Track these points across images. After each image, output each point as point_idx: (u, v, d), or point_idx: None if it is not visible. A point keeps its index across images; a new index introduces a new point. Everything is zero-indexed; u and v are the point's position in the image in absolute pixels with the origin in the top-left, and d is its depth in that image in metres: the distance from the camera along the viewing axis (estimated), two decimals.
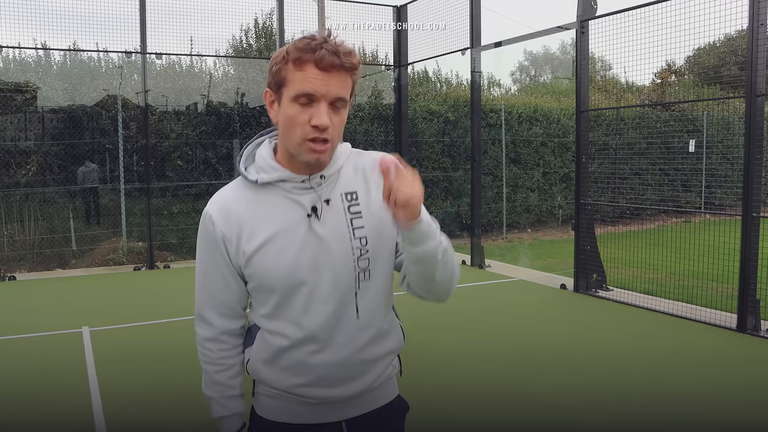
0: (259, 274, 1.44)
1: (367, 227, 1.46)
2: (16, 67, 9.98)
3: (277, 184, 1.44)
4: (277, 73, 1.38)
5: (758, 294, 5.46)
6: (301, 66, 1.34)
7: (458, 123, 12.19)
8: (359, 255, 1.45)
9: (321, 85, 1.33)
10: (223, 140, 10.08)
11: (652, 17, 6.13)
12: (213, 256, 1.48)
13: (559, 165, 13.29)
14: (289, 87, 1.35)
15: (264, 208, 1.44)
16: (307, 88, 1.33)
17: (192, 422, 3.71)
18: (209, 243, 1.48)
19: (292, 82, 1.35)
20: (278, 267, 1.42)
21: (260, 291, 1.47)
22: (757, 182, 5.40)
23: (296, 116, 1.35)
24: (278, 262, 1.42)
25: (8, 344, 5.45)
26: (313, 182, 1.44)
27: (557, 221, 13.41)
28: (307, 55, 1.33)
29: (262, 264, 1.43)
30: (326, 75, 1.33)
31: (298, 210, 1.43)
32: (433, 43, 9.68)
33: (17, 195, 9.12)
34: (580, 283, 7.10)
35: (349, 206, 1.46)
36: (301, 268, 1.42)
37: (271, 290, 1.45)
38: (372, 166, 1.51)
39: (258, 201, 1.45)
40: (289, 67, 1.35)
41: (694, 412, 3.87)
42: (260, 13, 11.86)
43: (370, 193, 1.49)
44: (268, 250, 1.42)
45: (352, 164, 1.51)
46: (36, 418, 3.86)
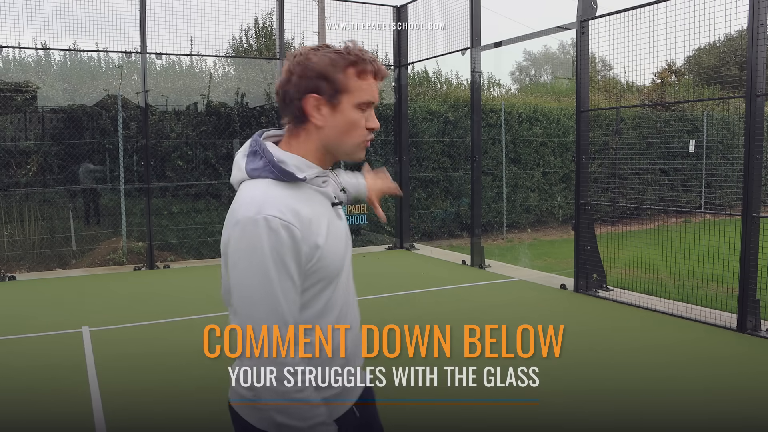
0: (327, 264, 1.50)
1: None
2: (16, 67, 9.97)
3: (310, 180, 1.54)
4: (336, 80, 1.47)
5: (758, 294, 5.46)
6: (365, 76, 1.50)
7: (458, 123, 12.19)
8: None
9: (377, 94, 1.53)
10: (223, 140, 10.08)
11: (652, 17, 6.13)
12: (286, 265, 1.40)
13: (559, 165, 13.28)
14: (354, 95, 1.49)
15: (310, 203, 1.52)
16: (372, 98, 1.51)
17: (192, 422, 3.71)
18: (283, 250, 1.39)
19: (357, 90, 1.49)
20: (336, 253, 1.54)
21: (319, 285, 1.50)
22: (757, 182, 5.40)
23: (359, 121, 1.51)
24: (336, 249, 1.54)
25: (8, 344, 5.45)
26: (327, 175, 1.60)
27: (557, 221, 13.40)
28: (369, 65, 1.50)
29: (328, 253, 1.51)
30: (378, 85, 1.54)
31: (326, 201, 1.57)
32: (433, 43, 9.68)
33: (17, 195, 9.12)
34: (580, 283, 7.10)
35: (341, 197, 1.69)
36: (342, 253, 1.56)
37: (332, 279, 1.53)
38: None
39: (300, 197, 1.51)
40: (350, 75, 1.48)
41: (693, 411, 3.87)
42: (260, 13, 11.87)
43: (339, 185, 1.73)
44: (329, 238, 1.52)
45: None
46: (36, 418, 3.86)
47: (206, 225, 9.87)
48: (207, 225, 9.87)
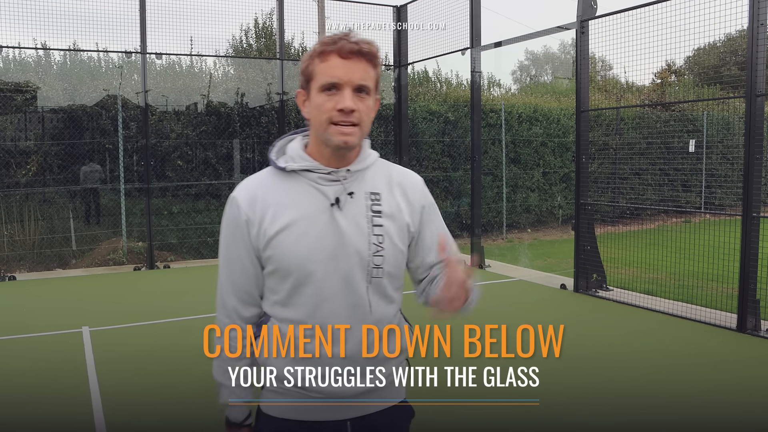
0: (278, 256, 1.49)
1: (386, 227, 1.54)
2: (16, 67, 9.97)
3: (304, 174, 1.52)
4: (306, 70, 1.50)
5: (758, 294, 5.46)
6: (325, 58, 1.46)
7: (458, 123, 12.19)
8: (375, 251, 1.52)
9: (344, 73, 1.44)
10: (223, 140, 10.08)
11: (652, 17, 6.13)
12: (235, 240, 1.54)
13: (559, 165, 13.28)
14: (316, 79, 1.47)
15: (290, 194, 1.51)
16: (332, 77, 1.44)
17: (192, 422, 3.71)
18: (233, 227, 1.54)
19: (319, 74, 1.46)
20: (296, 251, 1.48)
21: (276, 275, 1.52)
22: (757, 182, 5.40)
23: (323, 104, 1.46)
24: (297, 246, 1.48)
25: (8, 344, 5.45)
26: (339, 175, 1.52)
27: (557, 221, 13.40)
28: (330, 47, 1.45)
29: (282, 246, 1.48)
30: (348, 62, 1.44)
31: (322, 199, 1.51)
32: (433, 43, 9.68)
33: (17, 195, 9.12)
34: (580, 283, 7.10)
35: (372, 205, 1.54)
36: (317, 256, 1.48)
37: (287, 274, 1.50)
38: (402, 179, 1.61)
39: (284, 188, 1.52)
40: (315, 62, 1.47)
41: (693, 412, 3.87)
42: (260, 13, 11.86)
43: (393, 198, 1.57)
44: (289, 233, 1.49)
45: (379, 169, 1.60)
46: (36, 418, 3.86)
47: (206, 225, 9.87)
48: (207, 225, 9.86)
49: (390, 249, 1.54)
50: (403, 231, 1.57)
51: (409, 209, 1.59)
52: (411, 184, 1.62)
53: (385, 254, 1.53)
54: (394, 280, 1.58)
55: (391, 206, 1.56)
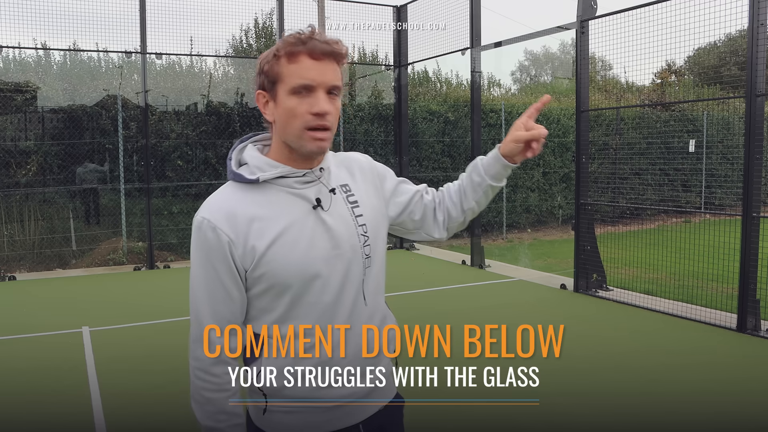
0: (273, 271, 1.40)
1: (365, 216, 1.53)
2: (16, 67, 9.97)
3: (277, 182, 1.44)
4: (270, 72, 1.40)
5: (758, 294, 5.46)
6: (294, 59, 1.37)
7: (458, 123, 12.19)
8: (364, 242, 1.50)
9: (317, 74, 1.37)
10: (223, 140, 10.08)
11: (652, 17, 6.13)
12: (214, 266, 1.41)
13: (559, 165, 13.28)
14: (285, 81, 1.38)
15: (269, 206, 1.43)
16: (305, 79, 1.36)
17: (192, 422, 3.71)
18: (209, 252, 1.40)
19: (288, 76, 1.38)
20: (292, 261, 1.41)
21: (270, 293, 1.43)
22: (757, 182, 5.40)
23: (295, 107, 1.38)
24: (292, 256, 1.41)
25: (8, 344, 5.45)
26: (314, 174, 1.47)
27: (557, 221, 13.40)
28: (299, 47, 1.36)
29: (275, 260, 1.40)
30: (320, 64, 1.37)
31: (303, 203, 1.45)
32: (433, 43, 9.68)
33: (17, 195, 9.12)
34: (580, 283, 7.10)
35: (347, 196, 1.52)
36: (315, 260, 1.43)
37: (285, 288, 1.42)
38: (353, 162, 1.60)
39: (260, 200, 1.43)
40: (282, 63, 1.38)
41: (693, 412, 3.87)
42: (260, 13, 11.86)
43: (359, 184, 1.56)
44: (280, 244, 1.40)
45: (334, 161, 1.57)
46: (36, 418, 3.86)
47: None
48: None
49: (374, 236, 1.53)
50: (379, 215, 1.57)
51: (374, 190, 1.59)
52: (359, 164, 1.61)
53: (372, 242, 1.52)
54: (383, 264, 1.59)
55: (362, 193, 1.55)
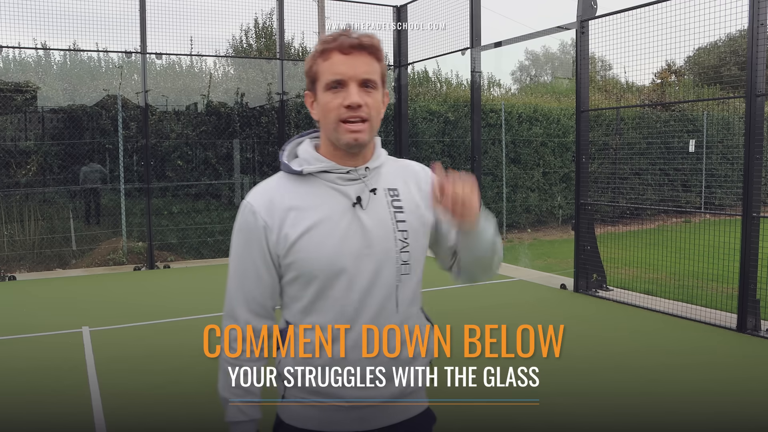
0: (302, 261, 1.45)
1: (408, 222, 1.52)
2: (16, 67, 9.97)
3: (321, 176, 1.49)
4: (310, 71, 1.48)
5: (758, 294, 5.46)
6: (327, 56, 1.44)
7: (458, 123, 12.19)
8: (401, 248, 1.50)
9: (347, 68, 1.42)
10: (223, 140, 10.08)
11: (652, 17, 6.13)
12: (249, 248, 1.48)
13: (559, 165, 13.28)
14: (321, 78, 1.45)
15: (308, 197, 1.47)
16: (336, 74, 1.43)
17: (192, 422, 3.71)
18: (247, 234, 1.48)
19: (322, 73, 1.45)
20: (321, 254, 1.44)
21: (299, 282, 1.47)
22: (757, 182, 5.40)
23: (330, 102, 1.43)
24: (321, 249, 1.44)
25: (8, 344, 5.45)
26: (358, 173, 1.49)
27: (557, 221, 13.40)
28: (330, 44, 1.44)
29: (305, 250, 1.44)
30: (350, 58, 1.43)
31: (343, 200, 1.48)
32: (433, 43, 9.68)
33: (17, 195, 9.12)
34: (580, 283, 7.10)
35: (392, 200, 1.52)
36: (344, 256, 1.44)
37: (311, 279, 1.45)
38: (409, 171, 1.62)
39: (302, 191, 1.48)
40: (318, 62, 1.46)
41: (693, 412, 3.87)
42: (260, 13, 11.86)
43: (410, 192, 1.56)
44: (312, 236, 1.44)
45: (391, 165, 1.59)
46: (36, 418, 3.86)
47: (206, 225, 9.87)
48: (207, 225, 9.87)
49: (414, 244, 1.52)
50: (424, 225, 1.56)
51: (425, 202, 1.57)
52: (415, 174, 1.62)
53: (411, 250, 1.51)
54: (420, 275, 1.56)
55: (409, 201, 1.54)
